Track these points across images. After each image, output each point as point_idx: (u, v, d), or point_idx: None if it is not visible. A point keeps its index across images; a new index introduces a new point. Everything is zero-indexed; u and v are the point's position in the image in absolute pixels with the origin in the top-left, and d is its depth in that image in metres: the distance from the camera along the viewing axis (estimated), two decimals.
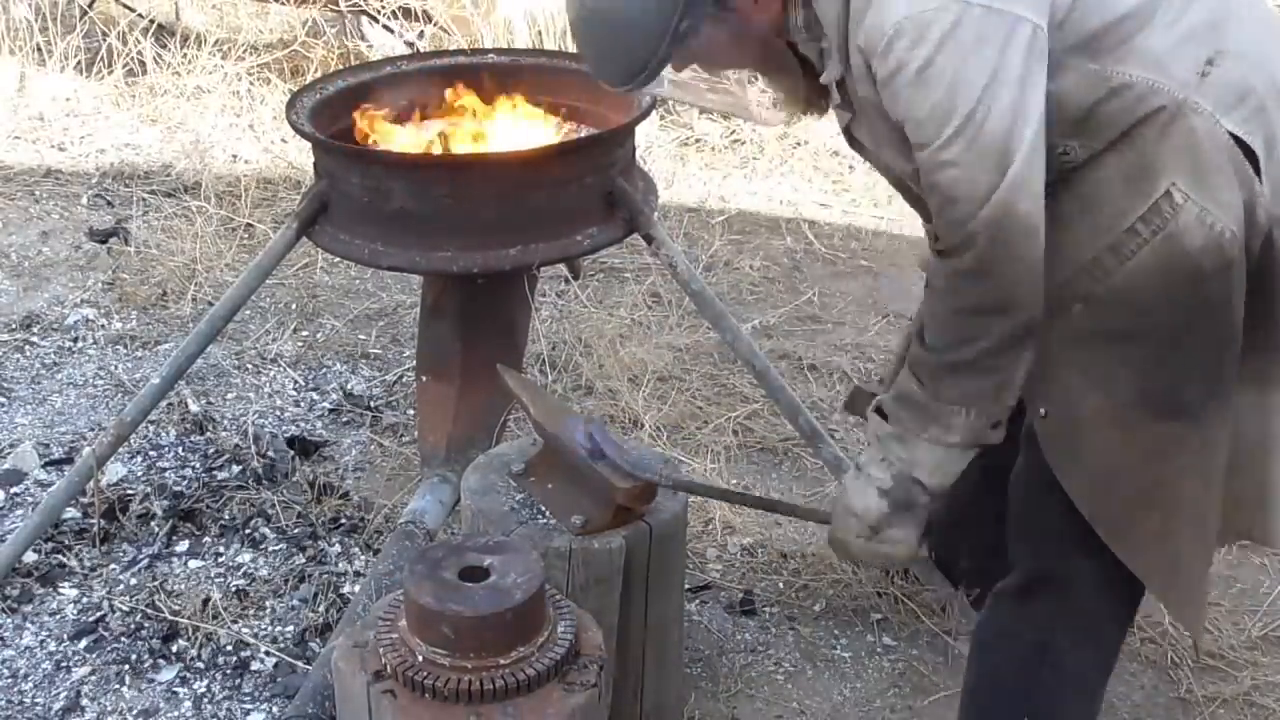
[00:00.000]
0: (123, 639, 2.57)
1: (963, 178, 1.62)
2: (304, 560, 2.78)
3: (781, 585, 2.75)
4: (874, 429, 1.83)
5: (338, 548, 2.83)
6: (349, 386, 3.49)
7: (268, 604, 2.66)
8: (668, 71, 1.80)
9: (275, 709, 2.40)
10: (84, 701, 2.43)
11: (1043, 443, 1.82)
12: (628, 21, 1.71)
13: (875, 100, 1.69)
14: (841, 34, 1.69)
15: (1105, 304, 1.72)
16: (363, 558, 2.79)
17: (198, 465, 3.10)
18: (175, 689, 2.46)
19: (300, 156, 4.65)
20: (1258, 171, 1.70)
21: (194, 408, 3.30)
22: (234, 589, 2.70)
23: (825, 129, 4.92)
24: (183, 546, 2.83)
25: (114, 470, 3.02)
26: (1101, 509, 1.81)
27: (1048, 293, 1.69)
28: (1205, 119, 1.67)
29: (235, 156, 4.80)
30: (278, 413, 3.35)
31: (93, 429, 3.24)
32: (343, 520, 2.91)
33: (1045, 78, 1.62)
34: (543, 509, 2.11)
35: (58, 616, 2.63)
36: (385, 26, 5.43)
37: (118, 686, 2.46)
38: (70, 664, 2.52)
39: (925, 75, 1.59)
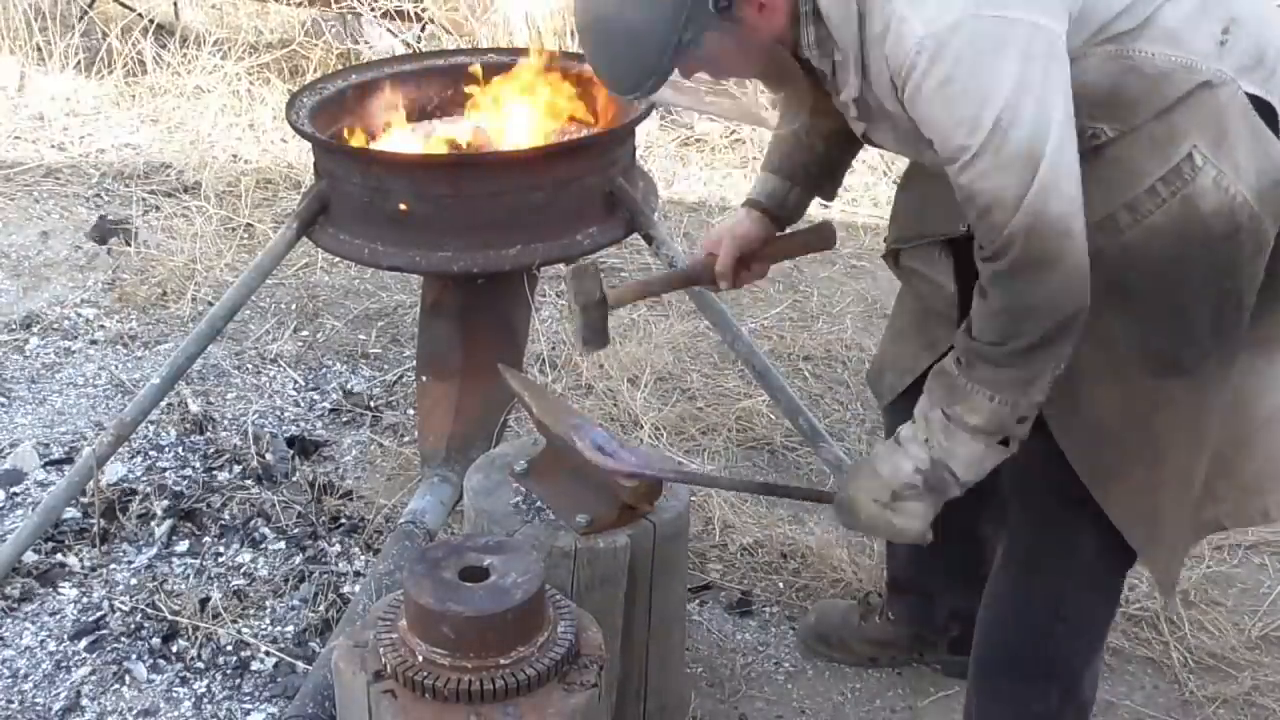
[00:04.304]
0: (123, 639, 2.57)
1: (992, 188, 1.62)
2: (304, 560, 2.78)
3: (781, 585, 2.75)
4: (923, 408, 1.84)
5: (338, 548, 2.83)
6: (349, 386, 3.49)
7: (268, 604, 2.66)
8: (673, 77, 1.80)
9: (275, 709, 2.40)
10: (84, 701, 2.43)
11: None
12: (632, 32, 1.71)
13: (901, 113, 1.70)
14: (858, 50, 1.69)
15: (1114, 261, 1.72)
16: (363, 558, 2.79)
17: (198, 465, 3.10)
18: (175, 689, 2.46)
19: (300, 156, 4.65)
20: (1275, 129, 1.73)
21: (194, 408, 3.30)
22: (234, 589, 2.70)
23: None
24: (183, 546, 2.83)
25: (114, 470, 3.02)
26: (1092, 461, 1.84)
27: None
28: (1229, 87, 1.70)
29: (235, 156, 4.80)
30: (278, 413, 3.35)
31: (93, 429, 3.24)
32: (343, 520, 2.91)
33: (1067, 79, 1.63)
34: (546, 508, 2.11)
35: (58, 616, 2.63)
36: (386, 28, 5.43)
37: (118, 686, 2.46)
38: (70, 664, 2.52)
39: (948, 92, 1.60)
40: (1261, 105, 1.73)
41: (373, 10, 5.34)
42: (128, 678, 2.48)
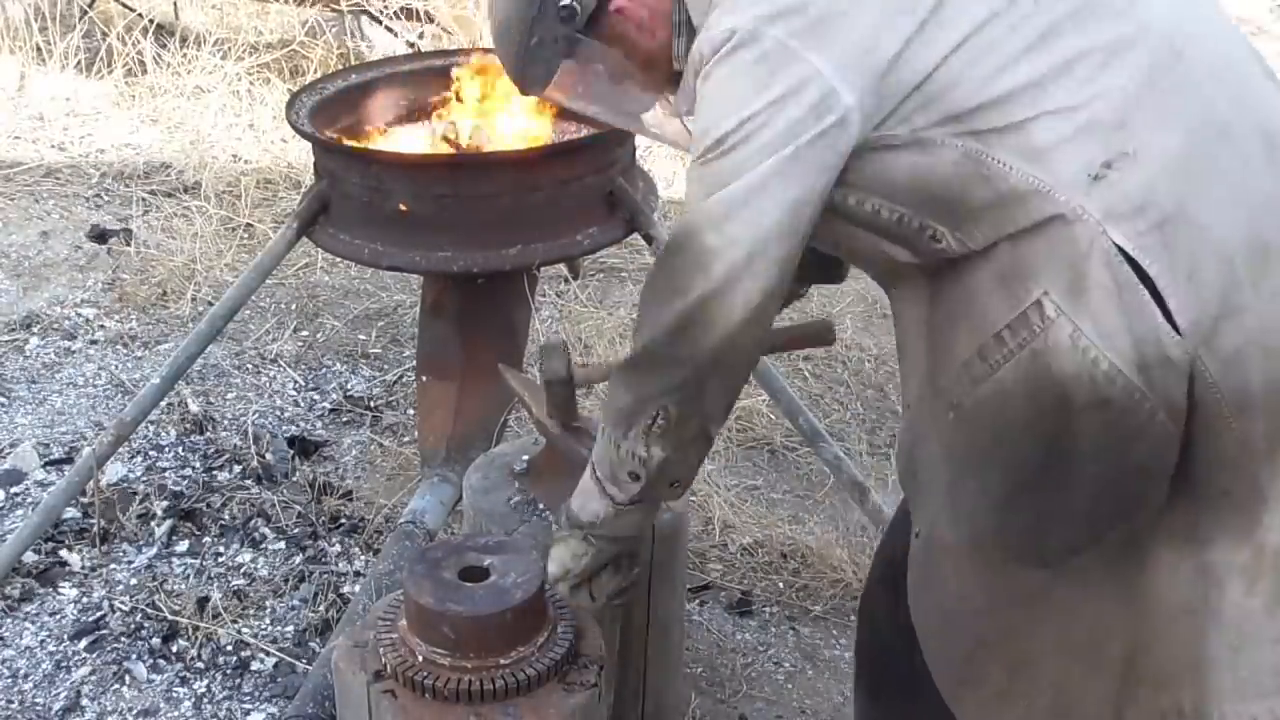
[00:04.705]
0: (123, 639, 2.57)
1: (689, 191, 1.51)
2: (304, 560, 2.78)
3: (781, 585, 2.76)
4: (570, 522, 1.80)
5: (338, 548, 2.83)
6: (349, 386, 3.49)
7: (268, 604, 2.66)
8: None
9: (275, 709, 2.40)
10: (84, 701, 2.43)
11: (909, 567, 1.64)
12: (501, 32, 1.74)
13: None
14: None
15: (971, 418, 1.48)
16: (363, 558, 2.79)
17: (198, 465, 3.10)
18: (175, 689, 2.46)
19: (300, 156, 4.65)
20: (1159, 299, 1.39)
21: (194, 408, 3.30)
22: (234, 589, 2.70)
23: None
24: (183, 546, 2.83)
25: (114, 470, 3.02)
26: (943, 650, 1.60)
27: (935, 393, 1.52)
28: (1088, 227, 1.40)
29: (235, 156, 4.80)
30: (278, 413, 3.35)
31: (93, 429, 3.24)
32: (343, 520, 2.91)
33: (826, 155, 1.44)
34: (544, 508, 2.11)
35: (58, 616, 2.63)
36: (388, 28, 5.43)
37: (118, 686, 2.46)
38: (70, 664, 2.52)
39: (703, 92, 1.50)
40: (1135, 267, 1.40)
41: (382, 10, 5.34)
42: (128, 678, 2.48)
